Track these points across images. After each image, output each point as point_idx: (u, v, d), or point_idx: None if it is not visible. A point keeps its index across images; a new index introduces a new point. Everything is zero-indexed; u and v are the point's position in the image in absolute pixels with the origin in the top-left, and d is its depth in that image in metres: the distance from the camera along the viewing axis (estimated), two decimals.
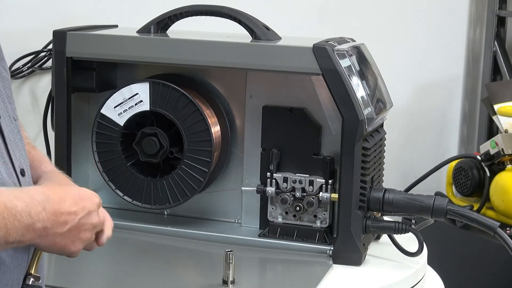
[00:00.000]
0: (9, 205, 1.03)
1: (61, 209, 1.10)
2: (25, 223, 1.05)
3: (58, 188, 1.14)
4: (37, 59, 2.15)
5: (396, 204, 1.66)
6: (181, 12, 1.81)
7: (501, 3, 3.08)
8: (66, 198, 1.12)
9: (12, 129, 1.20)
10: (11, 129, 1.19)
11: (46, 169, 1.29)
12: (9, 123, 1.19)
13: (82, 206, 1.14)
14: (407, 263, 1.68)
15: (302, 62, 1.64)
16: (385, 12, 2.91)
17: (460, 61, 3.19)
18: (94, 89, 1.81)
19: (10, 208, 1.03)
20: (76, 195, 1.14)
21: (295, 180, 1.71)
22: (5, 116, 1.18)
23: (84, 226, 1.14)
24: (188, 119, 1.71)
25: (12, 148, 1.17)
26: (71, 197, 1.13)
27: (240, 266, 1.54)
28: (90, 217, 1.15)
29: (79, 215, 1.13)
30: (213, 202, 1.83)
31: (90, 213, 1.15)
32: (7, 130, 1.18)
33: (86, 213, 1.14)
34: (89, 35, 1.78)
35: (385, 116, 1.80)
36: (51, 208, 1.09)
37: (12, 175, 1.16)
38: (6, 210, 1.02)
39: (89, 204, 1.15)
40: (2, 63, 1.23)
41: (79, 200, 1.14)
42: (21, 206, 1.04)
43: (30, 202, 1.06)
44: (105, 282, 1.60)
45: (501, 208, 2.50)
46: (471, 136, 3.24)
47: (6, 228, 1.03)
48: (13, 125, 1.21)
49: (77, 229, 1.13)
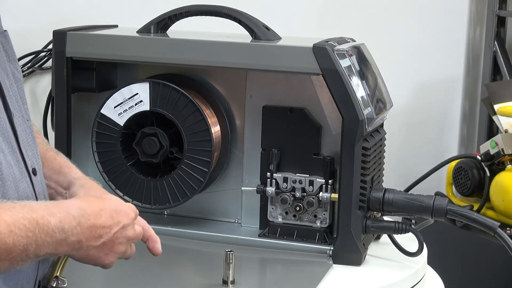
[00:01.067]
0: (42, 222, 1.05)
1: (96, 224, 1.12)
2: (58, 238, 1.07)
3: (96, 202, 1.16)
4: (37, 59, 2.15)
5: (396, 204, 1.66)
6: (181, 12, 1.81)
7: (501, 3, 3.08)
8: (103, 213, 1.14)
9: (25, 129, 1.22)
10: (24, 129, 1.21)
11: (76, 175, 1.31)
12: (22, 123, 1.21)
13: (117, 221, 1.16)
14: (407, 263, 1.68)
15: (302, 62, 1.64)
16: (385, 12, 2.91)
17: (460, 61, 3.19)
18: (94, 89, 1.81)
19: (43, 225, 1.05)
20: (113, 209, 1.16)
21: (295, 180, 1.71)
22: (18, 116, 1.21)
23: (118, 240, 1.16)
24: (188, 119, 1.71)
25: (24, 147, 1.19)
26: (107, 212, 1.15)
27: (240, 266, 1.54)
28: (124, 231, 1.17)
29: (113, 229, 1.15)
30: (213, 202, 1.83)
31: (125, 228, 1.17)
32: (20, 130, 1.20)
33: (121, 228, 1.16)
34: (89, 35, 1.78)
35: (385, 116, 1.80)
36: (86, 223, 1.11)
37: (25, 174, 1.18)
38: (38, 227, 1.05)
39: (124, 218, 1.17)
40: (15, 64, 1.26)
41: (114, 215, 1.16)
42: (55, 222, 1.07)
43: (64, 218, 1.08)
44: (105, 282, 1.59)
45: (501, 208, 2.50)
46: (471, 136, 3.24)
47: (36, 244, 1.05)
48: (26, 125, 1.23)
49: (111, 243, 1.15)
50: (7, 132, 1.16)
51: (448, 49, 3.13)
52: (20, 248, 1.03)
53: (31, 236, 1.04)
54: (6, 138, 1.15)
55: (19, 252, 1.03)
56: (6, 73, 1.21)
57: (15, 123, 1.19)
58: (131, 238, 1.19)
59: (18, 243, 1.03)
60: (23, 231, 1.03)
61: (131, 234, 1.18)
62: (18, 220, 1.03)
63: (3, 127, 1.15)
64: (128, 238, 1.18)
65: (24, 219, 1.03)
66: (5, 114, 1.17)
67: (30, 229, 1.04)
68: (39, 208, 1.07)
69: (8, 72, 1.22)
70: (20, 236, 1.03)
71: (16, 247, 1.03)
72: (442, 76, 3.14)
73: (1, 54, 1.23)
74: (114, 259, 1.18)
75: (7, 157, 1.14)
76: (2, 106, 1.17)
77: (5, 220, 1.02)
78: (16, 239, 1.02)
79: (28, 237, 1.03)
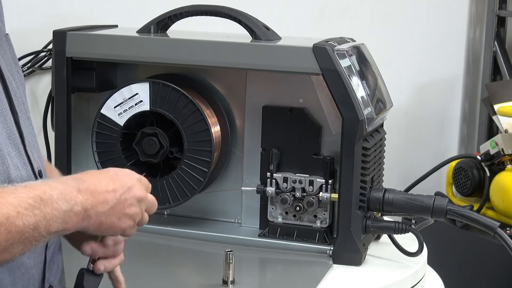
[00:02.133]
0: (45, 197, 1.05)
1: (97, 189, 1.11)
2: (63, 209, 1.06)
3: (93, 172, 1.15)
4: (37, 59, 2.15)
5: (396, 204, 1.66)
6: (181, 12, 1.81)
7: (501, 3, 3.08)
8: (102, 179, 1.13)
9: (30, 131, 1.22)
10: (29, 131, 1.21)
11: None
12: (27, 125, 1.21)
13: (121, 184, 1.14)
14: (407, 263, 1.68)
15: (302, 62, 1.64)
16: (385, 12, 2.91)
17: (460, 61, 3.19)
18: (94, 89, 1.81)
19: (46, 200, 1.05)
20: (113, 175, 1.15)
21: (295, 180, 1.71)
22: (24, 118, 1.21)
23: (127, 201, 1.14)
24: (188, 119, 1.71)
25: (30, 149, 1.19)
26: (107, 177, 1.14)
27: (240, 266, 1.54)
28: (131, 192, 1.15)
29: (118, 192, 1.13)
30: (213, 202, 1.83)
31: (131, 188, 1.15)
32: (26, 132, 1.20)
33: (126, 189, 1.14)
34: (89, 35, 1.78)
35: (385, 116, 1.80)
36: (87, 190, 1.10)
37: (31, 176, 1.17)
38: (42, 203, 1.04)
39: (127, 179, 1.16)
40: (17, 68, 1.25)
41: (116, 178, 1.14)
42: (56, 194, 1.06)
43: (64, 189, 1.07)
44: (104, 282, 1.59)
45: (501, 208, 2.50)
46: (471, 136, 3.24)
47: (46, 220, 1.04)
48: (31, 127, 1.23)
49: (120, 206, 1.13)
50: (14, 135, 1.16)
51: (448, 49, 3.13)
52: (31, 227, 1.03)
53: (38, 213, 1.03)
54: (13, 140, 1.15)
55: (30, 232, 1.03)
56: (12, 75, 1.21)
57: (21, 125, 1.18)
58: (140, 197, 1.16)
59: (27, 223, 1.02)
60: (30, 210, 1.03)
61: (139, 193, 1.16)
62: (23, 200, 1.03)
63: (10, 129, 1.15)
64: (138, 198, 1.16)
65: (29, 198, 1.03)
66: (11, 117, 1.16)
67: (36, 207, 1.03)
68: (40, 185, 1.07)
69: (14, 74, 1.22)
70: (28, 215, 1.02)
71: (27, 226, 1.02)
72: (442, 76, 3.14)
73: (8, 57, 1.22)
74: (131, 223, 1.16)
75: (14, 159, 1.14)
76: (8, 108, 1.16)
77: (11, 203, 1.02)
78: (25, 219, 1.02)
79: (36, 215, 1.03)
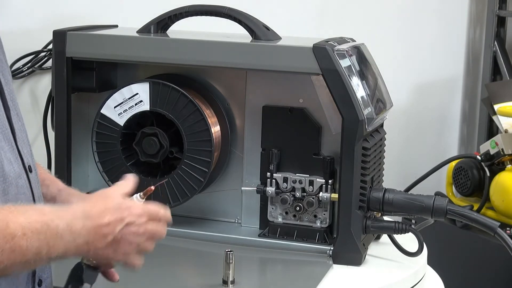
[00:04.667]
0: (52, 225, 1.09)
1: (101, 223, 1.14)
2: (66, 240, 1.10)
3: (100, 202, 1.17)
4: (37, 59, 2.15)
5: (396, 204, 1.66)
6: (181, 12, 1.81)
7: (501, 3, 3.08)
8: (107, 212, 1.15)
9: (20, 127, 1.24)
10: (19, 127, 1.24)
11: (60, 187, 1.35)
12: (17, 121, 1.24)
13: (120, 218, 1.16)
14: (407, 263, 1.68)
15: (302, 62, 1.64)
16: (385, 12, 2.91)
17: (460, 61, 3.19)
18: (94, 89, 1.81)
19: (52, 228, 1.09)
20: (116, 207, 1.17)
21: (295, 180, 1.71)
22: (14, 115, 1.23)
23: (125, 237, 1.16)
24: (188, 119, 1.71)
25: (21, 145, 1.22)
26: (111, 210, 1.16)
27: (240, 266, 1.54)
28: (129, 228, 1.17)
29: (117, 227, 1.15)
30: (213, 202, 1.83)
31: (129, 225, 1.17)
32: (17, 128, 1.22)
33: (125, 225, 1.16)
34: (89, 35, 1.78)
35: (385, 116, 1.80)
36: (91, 224, 1.13)
37: (22, 171, 1.20)
38: (48, 230, 1.08)
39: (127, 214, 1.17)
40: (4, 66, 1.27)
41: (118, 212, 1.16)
42: (63, 225, 1.10)
43: (71, 221, 1.11)
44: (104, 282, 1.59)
45: (501, 208, 2.50)
46: (471, 136, 3.24)
47: (48, 246, 1.08)
48: (20, 123, 1.25)
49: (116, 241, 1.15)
50: (6, 130, 1.18)
51: (448, 49, 3.13)
52: (33, 250, 1.06)
53: (43, 239, 1.07)
54: (6, 135, 1.18)
55: (32, 255, 1.06)
56: (2, 73, 1.23)
57: (13, 121, 1.21)
58: (140, 234, 1.18)
59: (31, 246, 1.06)
60: (35, 234, 1.06)
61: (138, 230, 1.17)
62: (31, 223, 1.06)
63: (2, 124, 1.17)
64: (137, 234, 1.17)
65: (37, 222, 1.07)
66: (3, 112, 1.19)
67: (42, 232, 1.07)
68: (49, 212, 1.11)
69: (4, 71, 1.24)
70: (32, 239, 1.06)
71: (30, 250, 1.06)
72: (442, 76, 3.14)
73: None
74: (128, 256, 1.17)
75: (7, 154, 1.16)
76: (1, 104, 1.18)
77: (20, 223, 1.05)
78: (29, 241, 1.06)
79: (39, 240, 1.07)
